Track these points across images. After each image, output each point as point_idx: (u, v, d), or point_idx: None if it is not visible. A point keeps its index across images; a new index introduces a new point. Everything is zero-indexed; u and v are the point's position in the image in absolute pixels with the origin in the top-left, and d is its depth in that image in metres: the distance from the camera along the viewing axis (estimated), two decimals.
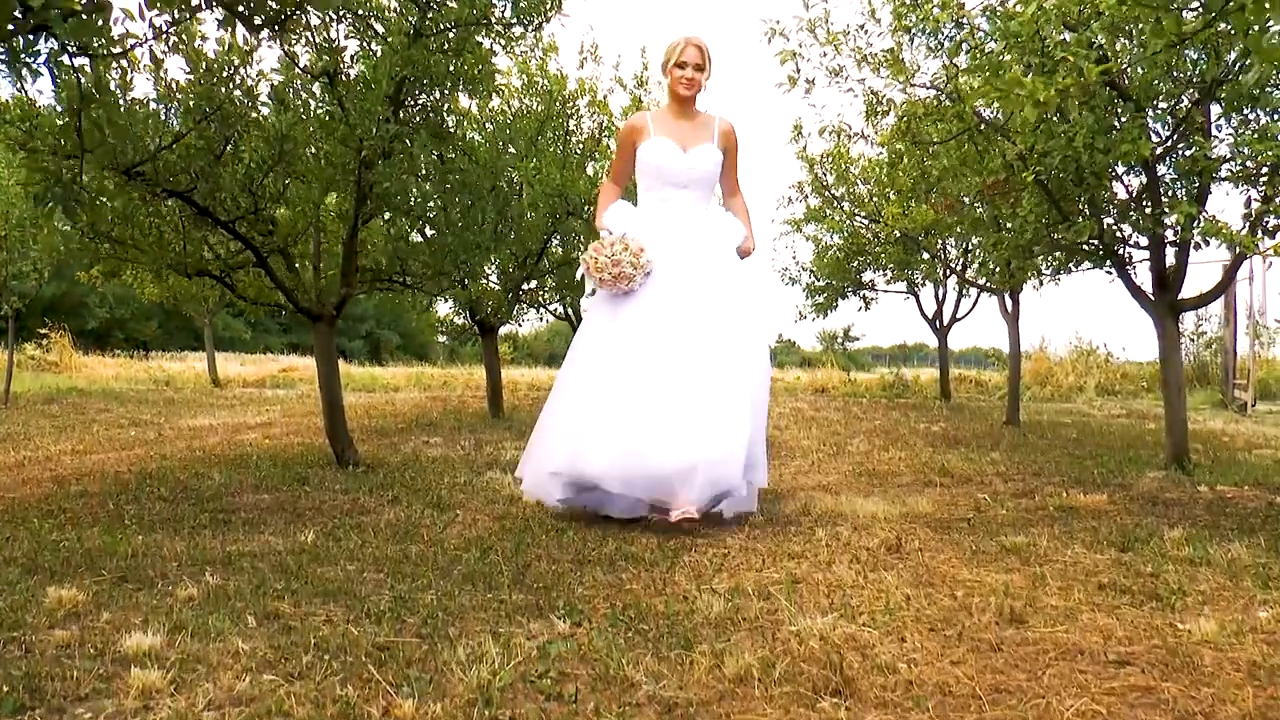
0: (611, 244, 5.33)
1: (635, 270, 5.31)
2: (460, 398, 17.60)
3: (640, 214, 5.71)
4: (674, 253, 5.48)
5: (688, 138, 5.66)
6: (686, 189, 5.65)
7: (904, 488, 6.63)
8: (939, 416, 13.33)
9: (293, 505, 5.73)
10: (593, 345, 5.51)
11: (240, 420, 12.30)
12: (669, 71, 5.65)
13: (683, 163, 5.61)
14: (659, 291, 5.41)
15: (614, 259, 5.28)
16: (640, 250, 5.33)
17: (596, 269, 5.33)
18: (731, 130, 5.84)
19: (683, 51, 5.56)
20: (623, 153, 5.83)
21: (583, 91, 12.19)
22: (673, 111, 5.74)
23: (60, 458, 8.21)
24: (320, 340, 7.36)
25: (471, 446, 9.08)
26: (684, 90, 5.62)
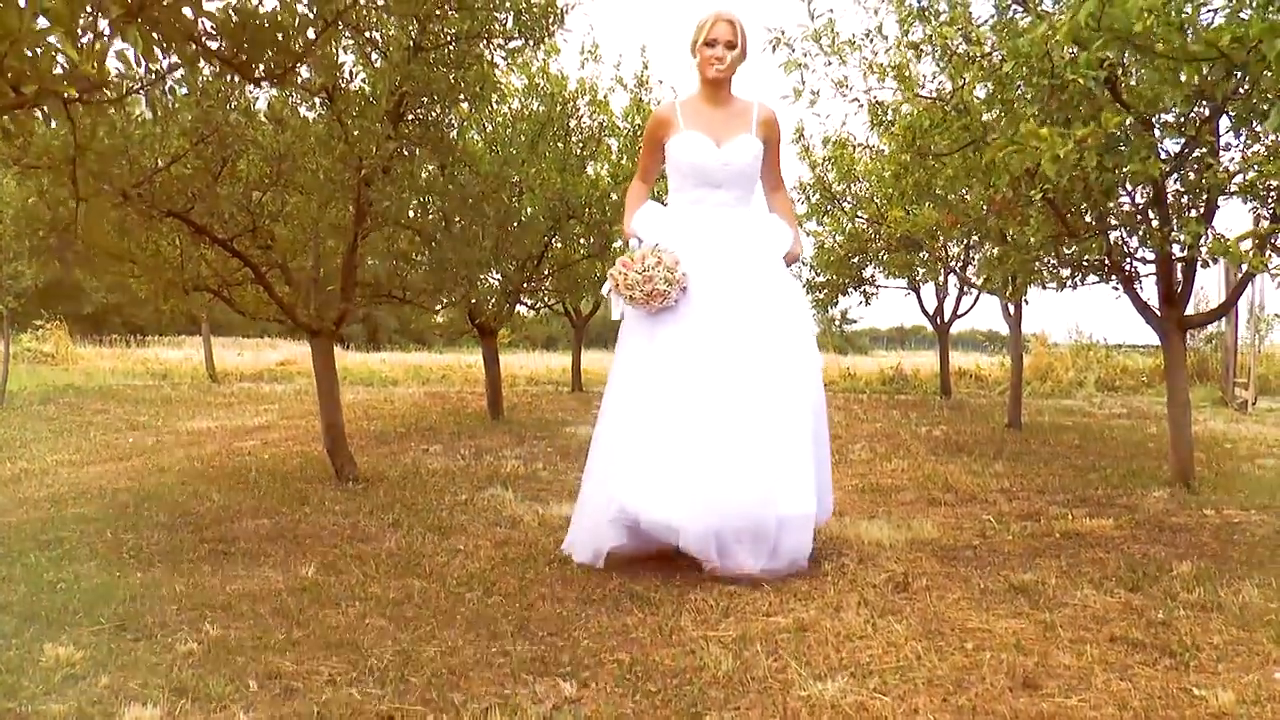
0: (642, 256, 4.68)
1: (670, 286, 4.66)
2: (459, 394, 17.54)
3: (672, 218, 5.05)
4: (712, 262, 4.82)
5: (722, 129, 4.98)
6: (722, 188, 4.97)
7: (908, 506, 6.58)
8: (940, 418, 13.27)
9: (292, 531, 5.67)
10: (634, 375, 4.88)
11: (238, 423, 12.24)
12: (697, 51, 4.96)
13: (717, 158, 4.93)
14: (701, 308, 4.76)
15: (645, 274, 4.63)
16: (675, 262, 4.68)
17: (626, 286, 4.70)
18: (773, 118, 5.14)
19: (712, 28, 4.88)
20: (649, 148, 5.20)
21: (583, 91, 12.13)
22: (704, 98, 5.06)
23: (57, 470, 8.16)
24: (319, 355, 7.30)
25: (471, 456, 9.03)
26: (713, 72, 4.91)
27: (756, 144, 5.03)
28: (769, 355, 4.73)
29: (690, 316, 4.77)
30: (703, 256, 4.83)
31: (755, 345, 4.72)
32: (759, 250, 4.98)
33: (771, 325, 4.79)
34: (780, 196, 5.35)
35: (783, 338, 4.80)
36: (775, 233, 5.12)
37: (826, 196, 14.31)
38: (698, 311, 4.77)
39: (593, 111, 12.35)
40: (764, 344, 4.73)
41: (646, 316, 4.85)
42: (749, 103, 5.11)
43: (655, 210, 5.14)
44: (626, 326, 5.00)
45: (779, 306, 4.86)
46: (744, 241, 4.95)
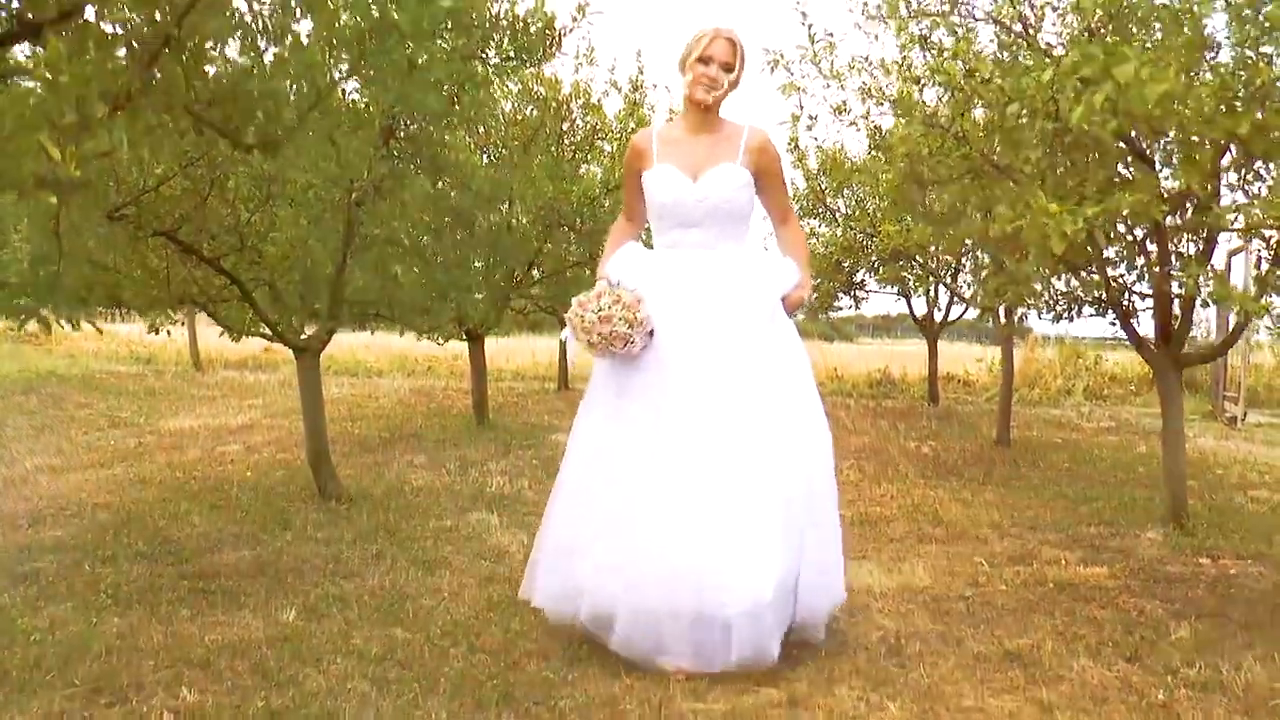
0: (599, 295, 4.10)
1: (632, 329, 4.02)
2: (444, 390, 17.41)
3: (648, 262, 4.42)
4: (687, 311, 4.17)
5: (701, 159, 4.31)
6: (699, 227, 4.30)
7: (898, 544, 6.50)
8: (928, 431, 13.19)
9: (274, 565, 5.57)
10: (593, 431, 4.30)
11: (221, 421, 12.11)
12: (689, 68, 4.27)
13: (690, 194, 4.27)
14: (670, 364, 4.12)
15: (602, 314, 4.03)
16: (636, 301, 4.06)
17: (584, 328, 4.08)
18: (765, 144, 4.39)
19: (709, 44, 4.24)
20: (629, 182, 4.62)
21: (577, 95, 12.00)
22: (688, 124, 4.40)
23: (37, 478, 8.03)
24: (305, 372, 7.18)
25: (457, 469, 8.93)
26: (701, 92, 4.24)
27: (741, 174, 4.30)
28: (743, 421, 4.03)
29: (657, 373, 4.15)
30: (677, 304, 4.19)
31: (726, 409, 4.03)
32: (745, 296, 4.25)
33: (753, 385, 4.10)
34: (789, 231, 4.63)
35: (767, 400, 4.10)
36: (770, 275, 4.40)
37: (819, 204, 14.20)
38: (666, 369, 4.13)
39: (586, 114, 12.23)
40: (738, 407, 4.04)
41: (616, 368, 4.24)
42: (738, 127, 4.40)
43: (633, 253, 4.57)
44: (595, 376, 4.41)
45: (766, 363, 4.17)
46: (725, 287, 4.24)
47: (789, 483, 4.04)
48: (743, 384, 4.09)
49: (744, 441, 4.01)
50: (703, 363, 4.10)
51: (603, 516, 4.12)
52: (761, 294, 4.30)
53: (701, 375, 4.09)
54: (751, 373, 4.11)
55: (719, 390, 4.07)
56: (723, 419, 4.03)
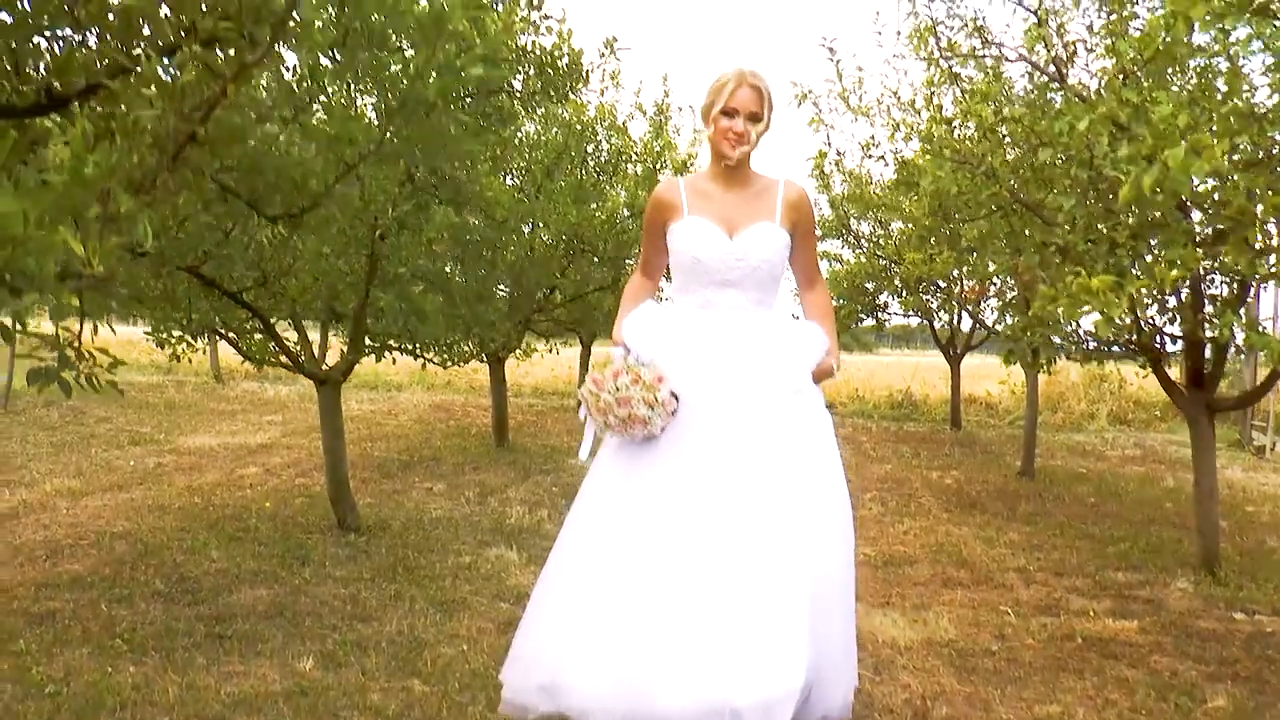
0: (616, 374, 3.63)
1: (653, 411, 3.58)
2: (464, 407, 17.37)
3: (673, 324, 3.92)
4: (717, 381, 3.70)
5: (737, 215, 3.89)
6: (736, 288, 3.86)
7: (922, 589, 6.41)
8: (950, 459, 13.09)
9: (292, 607, 5.51)
10: (597, 514, 3.75)
11: (240, 441, 12.09)
12: (711, 120, 3.83)
13: (728, 252, 3.83)
14: (695, 440, 3.63)
15: (621, 396, 3.58)
16: (658, 381, 3.59)
17: (599, 409, 3.65)
18: (802, 199, 3.99)
19: (733, 94, 3.77)
20: (650, 235, 4.07)
21: (602, 117, 11.92)
22: (716, 177, 3.94)
23: (56, 503, 8.00)
24: (326, 403, 7.14)
25: (476, 498, 8.87)
26: (729, 150, 3.79)
27: (780, 235, 3.89)
28: (766, 503, 3.56)
29: (681, 449, 3.65)
30: (705, 372, 3.73)
31: (757, 490, 3.57)
32: (781, 366, 3.81)
33: (778, 465, 3.62)
34: (816, 295, 4.18)
35: (791, 480, 3.62)
36: (805, 345, 3.93)
37: (844, 229, 14.12)
38: (693, 443, 3.64)
39: (611, 137, 12.15)
40: (762, 487, 3.57)
41: (629, 443, 3.74)
42: (772, 181, 3.98)
43: (653, 314, 4.05)
44: (605, 448, 3.87)
45: (793, 441, 3.70)
46: (758, 357, 3.80)
47: (811, 570, 3.56)
48: (768, 463, 3.60)
49: (767, 525, 3.53)
50: (726, 439, 3.63)
51: (605, 600, 3.57)
52: (793, 367, 3.83)
53: (724, 452, 3.60)
54: (777, 451, 3.63)
55: (742, 468, 3.58)
56: (745, 499, 3.54)
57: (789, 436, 3.66)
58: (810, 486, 3.65)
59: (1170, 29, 5.28)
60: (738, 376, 3.70)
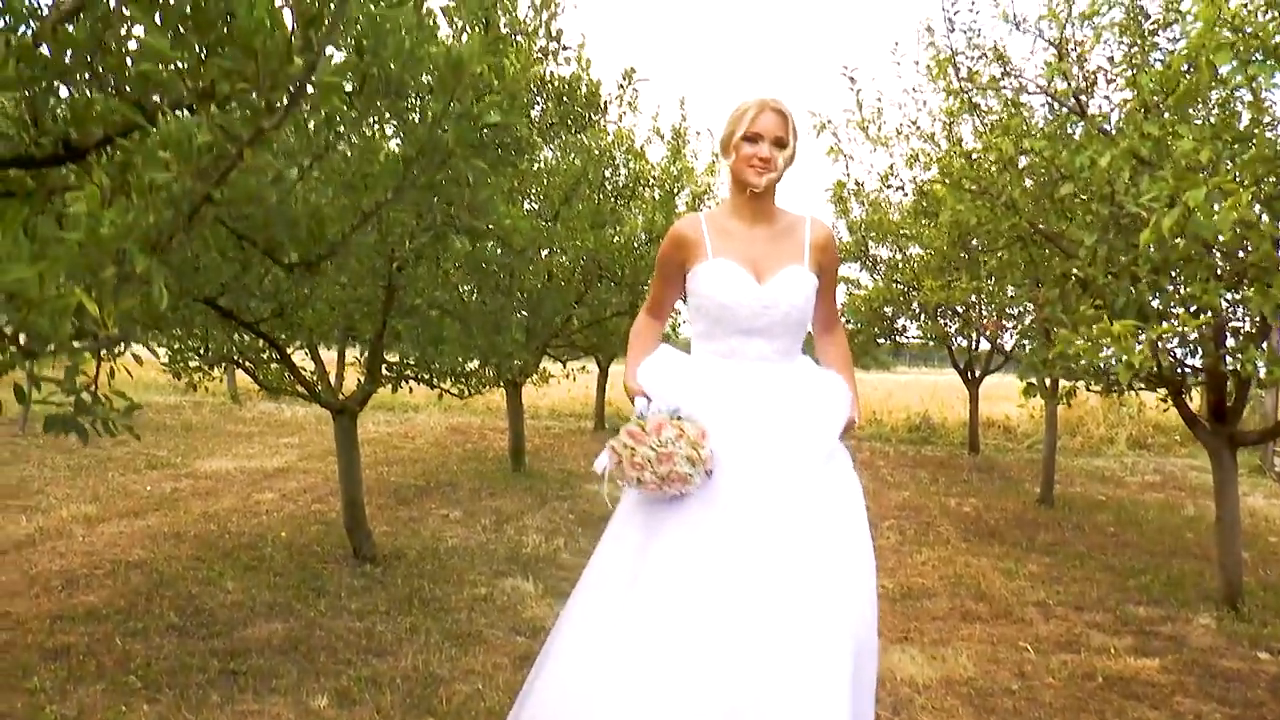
0: (659, 427, 3.27)
1: (694, 468, 3.23)
2: (480, 429, 17.37)
3: (695, 373, 3.62)
4: (748, 440, 3.39)
5: (765, 256, 3.60)
6: (762, 337, 3.56)
7: (940, 623, 6.35)
8: (969, 486, 13.01)
9: (306, 641, 5.48)
10: (615, 575, 3.41)
11: (257, 465, 12.10)
12: (733, 148, 3.56)
13: (757, 299, 3.53)
14: (727, 503, 3.31)
15: (663, 452, 3.22)
16: (702, 435, 3.27)
17: (634, 465, 3.27)
18: (830, 241, 3.73)
19: (755, 119, 3.52)
20: (665, 275, 3.75)
21: (620, 141, 11.91)
22: (739, 212, 3.64)
23: (72, 530, 8.00)
24: (342, 433, 7.12)
25: (492, 525, 8.85)
26: (755, 177, 3.51)
27: (809, 279, 3.60)
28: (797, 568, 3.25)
29: (711, 513, 3.33)
30: (738, 432, 3.41)
31: (789, 565, 3.24)
32: (815, 431, 3.51)
33: (819, 537, 3.31)
34: (834, 340, 3.90)
35: (831, 556, 3.32)
36: (834, 404, 3.64)
37: (863, 253, 14.08)
38: (724, 508, 3.32)
39: (628, 161, 12.14)
40: (804, 564, 3.26)
41: (652, 500, 3.40)
42: (798, 218, 3.71)
43: (671, 360, 3.74)
44: (623, 506, 3.56)
45: (831, 513, 3.39)
46: (793, 416, 3.50)
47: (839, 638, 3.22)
48: (802, 532, 3.29)
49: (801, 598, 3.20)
50: (759, 504, 3.31)
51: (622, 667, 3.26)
52: (826, 431, 3.53)
53: (757, 518, 3.29)
54: (811, 520, 3.32)
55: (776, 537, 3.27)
56: (779, 569, 3.23)
57: (822, 504, 3.38)
58: (842, 557, 3.35)
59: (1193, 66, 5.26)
60: (770, 436, 3.41)
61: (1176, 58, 4.96)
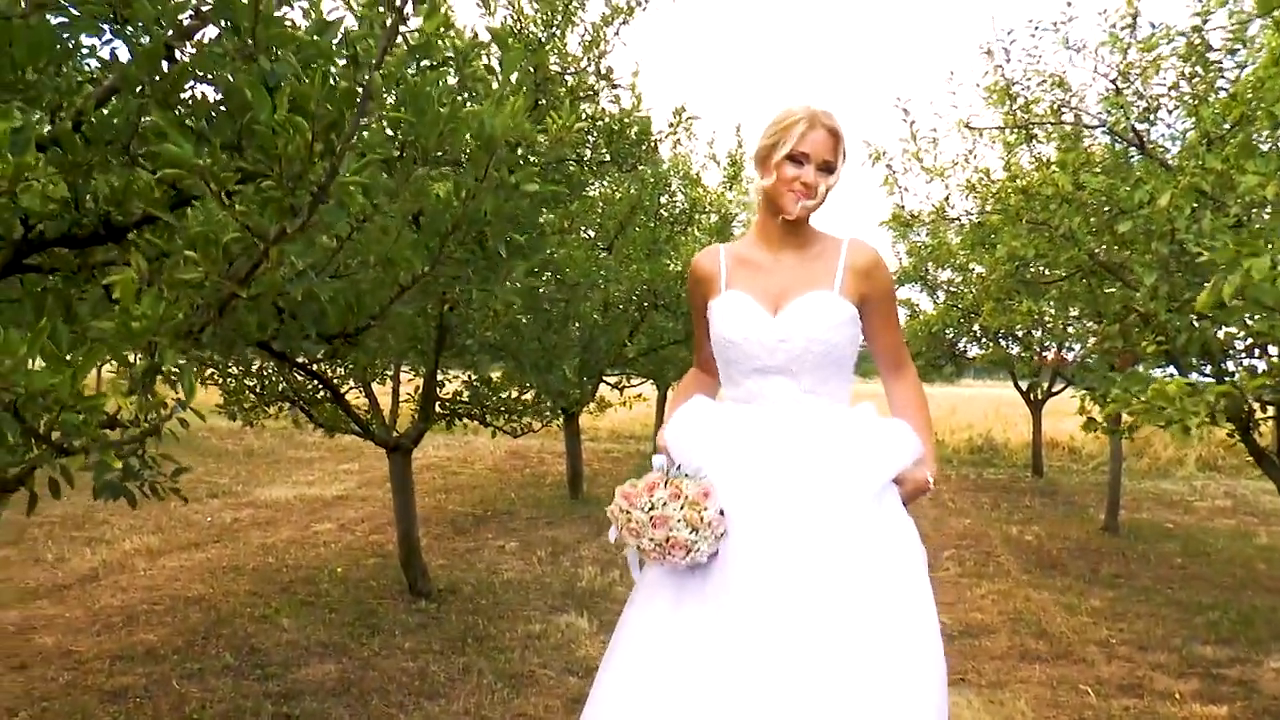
0: (652, 487, 2.88)
1: (698, 534, 2.81)
2: (539, 454, 17.39)
3: (718, 425, 3.13)
4: (766, 488, 2.89)
5: (783, 284, 3.07)
6: (783, 375, 3.04)
7: (999, 663, 6.24)
8: (1031, 511, 12.83)
9: (359, 683, 5.49)
10: (638, 655, 2.91)
11: (316, 493, 12.19)
12: (773, 167, 3.01)
13: (769, 333, 3.03)
14: (746, 561, 2.82)
15: (656, 515, 2.81)
16: (703, 496, 2.84)
17: (630, 530, 2.86)
18: (874, 264, 3.11)
19: (804, 136, 2.98)
20: (697, 317, 3.32)
21: (675, 168, 11.88)
22: (766, 237, 3.15)
23: (134, 562, 8.08)
24: (396, 470, 7.15)
25: (548, 558, 8.84)
26: (793, 204, 2.99)
27: (839, 306, 3.04)
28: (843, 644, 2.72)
29: (724, 577, 2.86)
30: (753, 482, 2.93)
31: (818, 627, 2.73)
32: (846, 473, 2.93)
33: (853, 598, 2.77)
34: (902, 384, 3.27)
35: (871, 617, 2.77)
36: (880, 445, 3.04)
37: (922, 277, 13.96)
38: (737, 571, 2.84)
39: (684, 188, 12.12)
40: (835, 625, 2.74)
41: (669, 572, 2.94)
42: (834, 241, 3.14)
43: (700, 411, 3.24)
44: (645, 577, 3.05)
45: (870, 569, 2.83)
46: (819, 459, 2.95)
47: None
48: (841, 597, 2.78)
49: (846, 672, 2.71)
50: (787, 565, 2.81)
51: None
52: (868, 471, 2.96)
53: (785, 582, 2.79)
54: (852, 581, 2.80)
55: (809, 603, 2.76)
56: (815, 639, 2.73)
57: (861, 561, 2.83)
58: (895, 623, 2.79)
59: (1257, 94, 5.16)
60: (796, 486, 2.89)
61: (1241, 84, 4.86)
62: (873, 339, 3.18)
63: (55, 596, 7.03)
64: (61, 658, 5.75)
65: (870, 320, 3.13)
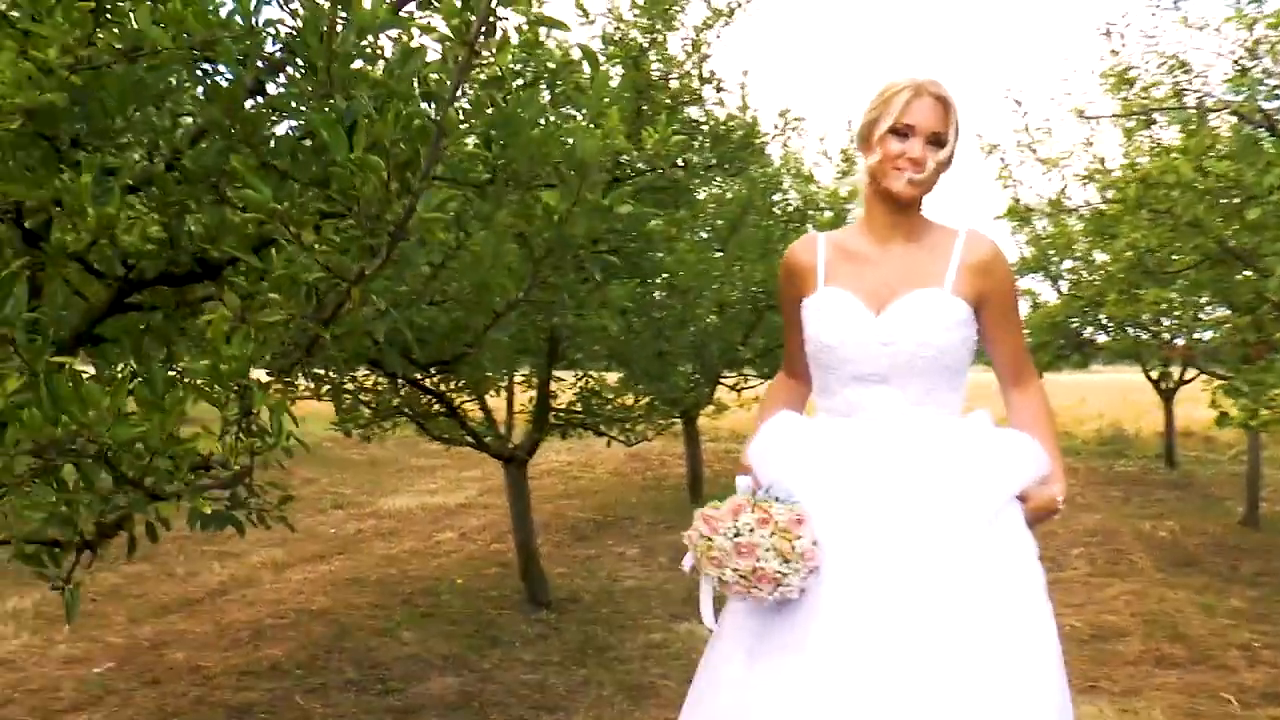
0: (736, 510, 2.54)
1: (789, 567, 2.47)
2: (661, 457, 17.35)
3: (806, 440, 2.80)
4: (868, 512, 2.58)
5: (891, 280, 2.71)
6: (887, 384, 2.69)
7: (1132, 668, 6.04)
8: (1165, 505, 12.44)
9: (479, 696, 5.51)
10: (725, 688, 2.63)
11: (439, 501, 12.34)
12: (875, 143, 2.67)
13: (871, 335, 2.68)
14: (844, 594, 2.51)
15: (742, 542, 2.49)
16: (796, 523, 2.50)
17: (711, 559, 2.53)
18: (994, 259, 2.76)
19: (908, 107, 2.63)
20: (787, 317, 2.95)
21: (788, 165, 11.74)
22: (872, 226, 2.79)
23: (261, 576, 8.26)
24: (512, 482, 7.19)
25: (669, 562, 8.81)
26: (901, 183, 2.64)
27: (951, 305, 2.69)
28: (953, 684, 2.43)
29: (822, 627, 2.52)
30: (853, 513, 2.59)
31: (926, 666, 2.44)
32: (959, 492, 2.61)
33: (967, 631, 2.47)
34: (1026, 398, 2.87)
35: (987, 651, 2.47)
36: (1000, 461, 2.70)
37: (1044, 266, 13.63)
38: (836, 620, 2.51)
39: (798, 184, 11.96)
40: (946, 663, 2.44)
41: (753, 610, 2.64)
42: (949, 232, 2.79)
43: (790, 426, 2.89)
44: (724, 624, 2.77)
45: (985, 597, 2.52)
46: (928, 478, 2.63)
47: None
48: (952, 630, 2.48)
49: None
50: (887, 608, 2.50)
51: None
52: (984, 491, 2.64)
53: (889, 616, 2.49)
54: (965, 611, 2.49)
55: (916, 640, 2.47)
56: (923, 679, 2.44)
57: (974, 602, 2.52)
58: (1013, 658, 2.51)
59: None
60: (902, 509, 2.58)
61: None
62: (991, 345, 2.82)
63: (186, 611, 7.20)
64: (190, 673, 5.88)
65: (988, 323, 2.77)
